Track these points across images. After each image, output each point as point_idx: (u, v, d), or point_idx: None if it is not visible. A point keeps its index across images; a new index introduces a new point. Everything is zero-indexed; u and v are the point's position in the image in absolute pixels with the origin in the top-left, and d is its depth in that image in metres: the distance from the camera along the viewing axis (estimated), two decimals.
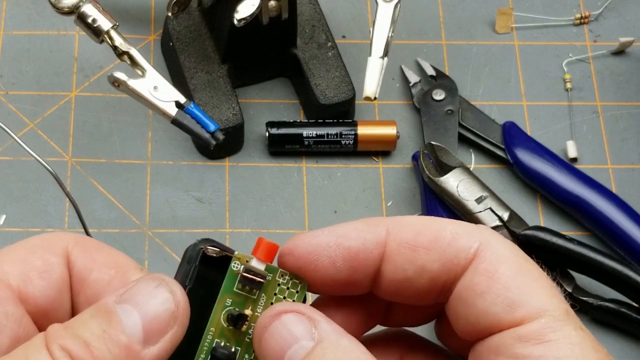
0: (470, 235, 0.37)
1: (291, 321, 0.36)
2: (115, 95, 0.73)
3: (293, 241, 0.38)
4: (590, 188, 0.70)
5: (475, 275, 0.36)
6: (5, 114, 0.73)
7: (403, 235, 0.37)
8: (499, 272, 0.36)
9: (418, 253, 0.37)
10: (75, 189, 0.70)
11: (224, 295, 0.38)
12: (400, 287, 0.38)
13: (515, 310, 0.36)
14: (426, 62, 0.76)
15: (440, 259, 0.37)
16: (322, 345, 0.35)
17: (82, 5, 0.64)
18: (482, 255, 0.37)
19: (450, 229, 0.37)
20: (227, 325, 0.38)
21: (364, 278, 0.38)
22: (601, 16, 0.80)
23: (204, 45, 0.73)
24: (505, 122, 0.74)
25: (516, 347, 0.35)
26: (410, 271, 0.37)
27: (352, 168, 0.73)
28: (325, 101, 0.72)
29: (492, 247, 0.37)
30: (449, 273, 0.37)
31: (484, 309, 0.36)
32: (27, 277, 0.37)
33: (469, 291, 0.37)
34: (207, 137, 0.64)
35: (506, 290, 0.36)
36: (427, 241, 0.37)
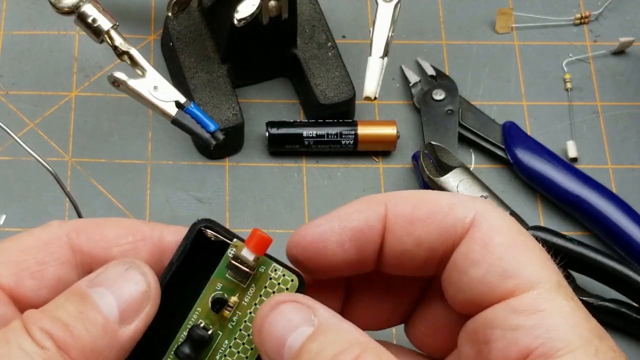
0: (466, 206, 0.38)
1: (290, 310, 0.37)
2: (115, 95, 0.73)
3: (299, 233, 0.39)
4: (590, 188, 0.70)
5: (470, 244, 0.37)
6: (5, 114, 0.73)
7: (401, 209, 0.38)
8: (493, 242, 0.37)
9: (416, 225, 0.38)
10: (75, 189, 0.70)
11: (215, 279, 0.39)
12: (401, 260, 0.38)
13: (508, 280, 0.36)
14: (426, 62, 0.76)
15: (437, 230, 0.38)
16: (322, 328, 0.36)
17: (82, 5, 0.64)
18: (477, 225, 0.37)
19: (446, 200, 0.38)
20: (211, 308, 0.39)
21: (371, 255, 0.39)
22: (601, 16, 0.80)
23: (204, 45, 0.73)
24: (505, 122, 0.74)
25: (510, 319, 0.35)
26: (409, 244, 0.38)
27: (352, 168, 0.73)
28: (325, 101, 0.72)
29: (487, 218, 0.37)
30: (446, 243, 0.38)
31: (478, 277, 0.36)
32: (19, 278, 0.38)
33: (464, 260, 0.37)
34: (207, 137, 0.64)
35: (500, 260, 0.36)
36: (424, 213, 0.38)
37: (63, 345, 0.35)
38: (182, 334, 0.39)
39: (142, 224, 0.40)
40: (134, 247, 0.39)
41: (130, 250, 0.39)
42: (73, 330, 0.35)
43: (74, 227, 0.39)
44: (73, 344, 0.35)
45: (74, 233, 0.39)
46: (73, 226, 0.39)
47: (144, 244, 0.39)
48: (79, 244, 0.39)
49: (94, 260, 0.39)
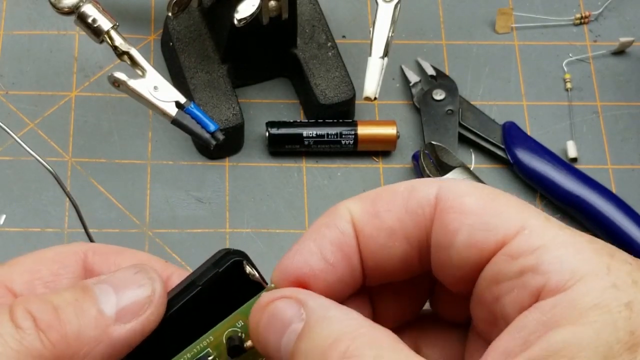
0: (426, 184, 0.36)
1: (279, 307, 0.35)
2: (115, 95, 0.73)
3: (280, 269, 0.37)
4: (590, 188, 0.70)
5: (444, 216, 0.35)
6: (5, 114, 0.73)
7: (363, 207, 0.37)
8: (465, 205, 0.35)
9: (382, 217, 0.36)
10: (75, 189, 0.70)
11: (239, 315, 0.38)
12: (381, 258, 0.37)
13: (494, 232, 0.34)
14: (426, 62, 0.76)
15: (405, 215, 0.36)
16: (310, 324, 0.34)
17: (82, 5, 0.64)
18: (444, 197, 0.36)
19: (405, 185, 0.37)
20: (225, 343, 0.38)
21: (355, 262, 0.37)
22: (601, 16, 0.80)
23: (204, 45, 0.73)
24: (505, 122, 0.74)
25: (510, 267, 0.34)
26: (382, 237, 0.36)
27: (352, 168, 0.73)
28: (325, 101, 0.72)
29: (451, 187, 0.36)
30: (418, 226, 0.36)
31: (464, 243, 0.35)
32: (31, 286, 0.38)
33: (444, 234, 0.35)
34: (207, 137, 0.64)
35: (478, 217, 0.35)
36: (385, 203, 0.36)
37: (44, 326, 0.35)
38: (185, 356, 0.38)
39: (156, 261, 0.40)
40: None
41: None
42: (60, 313, 0.35)
43: (92, 248, 0.39)
44: (56, 326, 0.35)
45: (91, 252, 0.39)
46: (92, 247, 0.40)
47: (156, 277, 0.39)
48: (92, 263, 0.39)
49: None
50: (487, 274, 0.35)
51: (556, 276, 0.33)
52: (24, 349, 0.34)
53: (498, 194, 0.36)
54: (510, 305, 0.34)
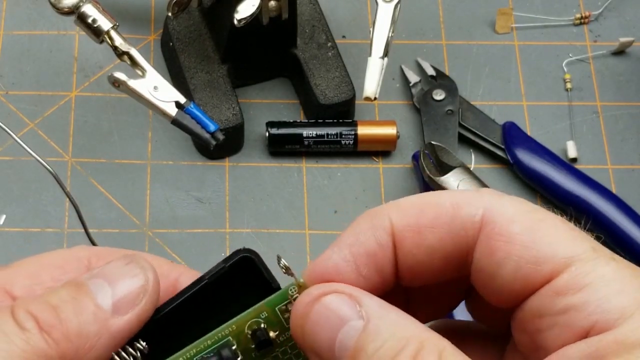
0: (471, 203, 0.36)
1: (334, 302, 0.34)
2: (115, 95, 0.73)
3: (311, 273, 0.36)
4: (590, 188, 0.70)
5: (490, 243, 0.35)
6: (5, 114, 0.73)
7: (406, 219, 0.36)
8: (512, 233, 0.35)
9: (424, 234, 0.36)
10: (75, 189, 0.70)
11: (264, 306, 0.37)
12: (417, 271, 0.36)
13: (541, 266, 0.34)
14: (426, 62, 0.76)
15: (447, 234, 0.35)
16: (374, 322, 0.34)
17: (82, 5, 0.64)
18: (490, 220, 0.35)
19: (450, 201, 0.36)
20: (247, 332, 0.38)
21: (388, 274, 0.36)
22: (601, 16, 0.80)
23: (204, 45, 0.73)
24: (505, 122, 0.74)
25: (555, 303, 0.34)
26: (421, 255, 0.36)
27: (352, 168, 0.73)
28: (325, 101, 0.72)
29: (497, 209, 0.35)
30: (460, 246, 0.35)
31: (510, 274, 0.34)
32: (31, 290, 0.37)
33: (488, 261, 0.35)
34: (207, 137, 0.64)
35: (526, 249, 0.34)
36: (429, 219, 0.36)
37: (46, 327, 0.35)
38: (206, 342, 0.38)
39: (163, 262, 0.40)
40: None
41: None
42: (60, 312, 0.35)
43: (96, 253, 0.39)
44: (57, 325, 0.35)
45: (95, 258, 0.39)
46: (95, 252, 0.39)
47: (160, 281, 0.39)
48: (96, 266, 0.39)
49: None
50: (531, 306, 0.35)
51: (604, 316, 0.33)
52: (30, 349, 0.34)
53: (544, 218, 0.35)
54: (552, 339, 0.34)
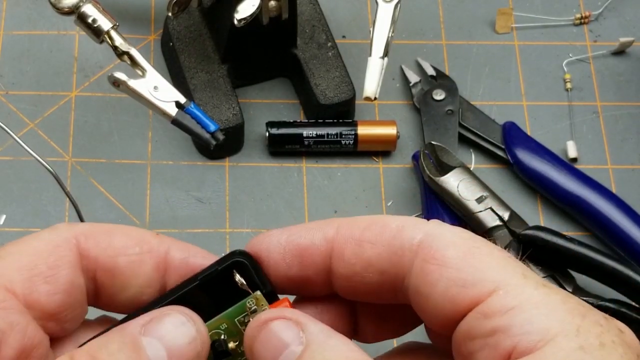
0: (415, 227, 0.37)
1: (279, 328, 0.36)
2: (115, 95, 0.73)
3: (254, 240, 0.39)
4: (590, 188, 0.70)
5: (424, 266, 0.36)
6: (5, 114, 0.73)
7: (350, 231, 0.38)
8: (446, 257, 0.36)
9: (364, 247, 0.38)
10: (75, 189, 0.70)
11: (223, 319, 0.39)
12: (353, 284, 0.38)
13: (470, 289, 0.35)
14: (426, 62, 0.76)
15: (386, 252, 0.37)
16: (311, 348, 0.36)
17: (82, 5, 0.64)
18: (428, 245, 0.37)
19: (397, 223, 0.38)
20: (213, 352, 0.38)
21: (315, 275, 0.39)
22: (601, 16, 0.80)
23: (204, 45, 0.73)
24: (506, 122, 0.74)
25: (483, 325, 0.35)
26: (358, 266, 0.38)
27: (352, 168, 0.73)
28: (325, 101, 0.72)
29: (436, 235, 0.37)
30: (396, 266, 0.37)
31: (441, 296, 0.36)
32: (32, 283, 0.37)
33: (423, 283, 0.36)
34: (207, 137, 0.64)
35: (457, 271, 0.36)
36: (373, 235, 0.38)
37: None
38: None
39: (151, 235, 0.40)
40: (140, 259, 0.39)
41: (136, 261, 0.39)
42: None
43: (83, 231, 0.39)
44: None
45: (83, 237, 0.39)
46: (81, 230, 0.39)
47: (149, 256, 0.39)
48: (86, 249, 0.38)
49: (99, 266, 0.39)
50: (462, 329, 0.36)
51: (526, 337, 0.34)
52: None
53: (481, 247, 0.36)
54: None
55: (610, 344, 0.33)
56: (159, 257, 0.39)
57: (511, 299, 0.35)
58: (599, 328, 0.34)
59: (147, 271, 0.39)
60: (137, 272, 0.39)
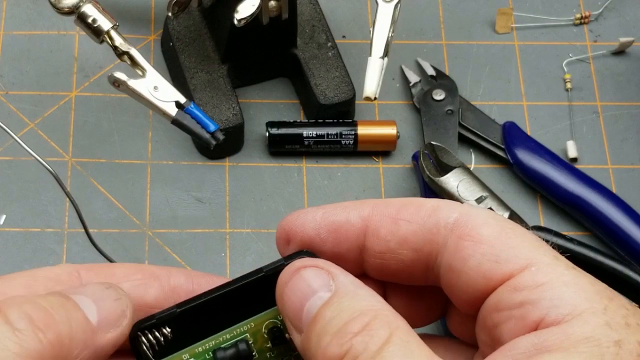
0: (450, 207, 0.38)
1: (309, 275, 0.37)
2: (115, 95, 0.73)
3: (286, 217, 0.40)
4: (590, 188, 0.70)
5: (459, 242, 0.37)
6: (5, 114, 0.73)
7: (385, 210, 0.39)
8: (481, 234, 0.37)
9: (399, 225, 0.39)
10: (75, 189, 0.70)
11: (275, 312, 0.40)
12: (386, 261, 0.39)
13: (503, 265, 0.36)
14: (426, 62, 0.76)
15: (421, 230, 0.38)
16: (339, 295, 0.37)
17: (82, 5, 0.64)
18: (462, 224, 0.38)
19: (432, 203, 0.39)
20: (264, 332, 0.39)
21: (347, 252, 0.40)
22: (601, 16, 0.80)
23: (204, 45, 0.73)
24: (506, 122, 0.74)
25: (513, 298, 0.36)
26: (393, 242, 0.39)
27: (352, 168, 0.73)
28: (325, 101, 0.72)
29: (471, 215, 0.38)
30: (431, 243, 0.38)
31: (474, 270, 0.37)
32: None
33: (456, 259, 0.37)
34: (207, 137, 0.64)
35: (491, 248, 0.37)
36: (409, 213, 0.39)
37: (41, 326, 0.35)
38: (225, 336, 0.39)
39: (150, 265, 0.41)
40: (144, 283, 0.40)
41: (141, 286, 0.40)
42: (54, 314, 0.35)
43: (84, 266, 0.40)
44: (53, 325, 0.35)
45: (84, 270, 0.39)
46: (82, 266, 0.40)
47: (152, 281, 0.40)
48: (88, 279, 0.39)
49: None
50: (491, 301, 0.37)
51: (555, 310, 0.35)
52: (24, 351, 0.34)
53: (514, 228, 0.38)
54: (507, 332, 0.36)
55: (635, 325, 0.35)
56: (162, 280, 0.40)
57: (542, 276, 0.36)
58: (624, 310, 0.35)
59: (153, 294, 0.39)
60: (143, 294, 0.39)
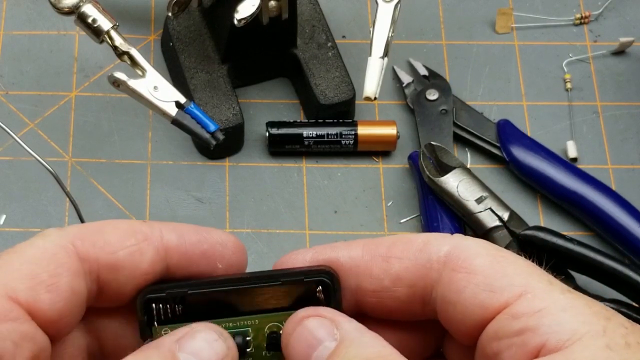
0: (440, 240, 0.39)
1: (313, 325, 0.38)
2: (115, 95, 0.73)
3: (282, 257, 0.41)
4: (587, 183, 0.70)
5: (452, 275, 0.38)
6: (5, 114, 0.73)
7: (376, 249, 0.40)
8: (474, 265, 0.37)
9: (391, 262, 0.39)
10: (75, 189, 0.70)
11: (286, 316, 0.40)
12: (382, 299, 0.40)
13: (499, 294, 0.37)
14: (418, 62, 0.76)
15: (414, 266, 0.39)
16: (345, 344, 0.37)
17: (82, 5, 0.64)
18: (455, 256, 0.38)
19: (422, 238, 0.39)
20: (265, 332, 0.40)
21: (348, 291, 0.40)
22: (601, 16, 0.80)
23: (204, 45, 0.73)
24: (500, 120, 0.74)
25: (511, 326, 0.36)
26: (387, 281, 0.39)
27: (352, 168, 0.73)
28: (325, 101, 0.72)
29: (463, 246, 0.38)
30: (424, 278, 0.39)
31: (469, 301, 0.37)
32: (35, 292, 0.37)
33: (451, 291, 0.38)
34: (207, 137, 0.64)
35: (485, 278, 0.37)
36: (399, 250, 0.39)
37: None
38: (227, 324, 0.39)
39: (139, 224, 0.40)
40: (139, 249, 0.39)
41: (136, 252, 0.39)
42: None
43: (76, 235, 0.39)
44: None
45: (78, 241, 0.39)
46: (75, 234, 0.39)
47: (147, 244, 0.39)
48: (85, 252, 0.39)
49: (101, 266, 0.39)
50: (490, 330, 0.37)
51: (555, 336, 0.35)
52: None
53: (506, 255, 0.38)
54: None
55: (636, 344, 0.35)
56: (155, 242, 0.40)
57: (539, 302, 0.36)
58: (623, 330, 0.36)
59: (148, 258, 0.39)
60: (139, 261, 0.39)
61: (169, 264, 0.40)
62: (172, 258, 0.40)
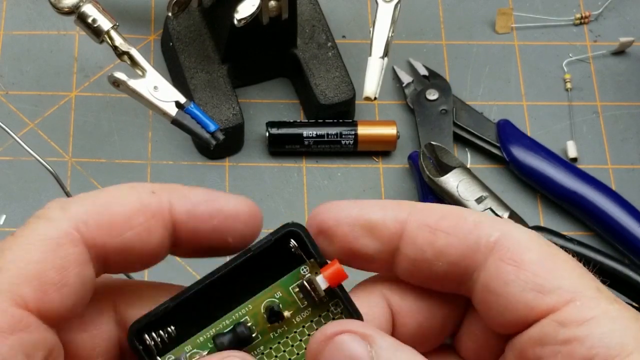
0: (492, 225, 0.37)
1: (346, 343, 0.36)
2: (115, 95, 0.73)
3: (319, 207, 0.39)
4: (587, 184, 0.70)
5: (500, 265, 0.36)
6: (5, 114, 0.73)
7: (425, 217, 0.38)
8: (524, 260, 0.36)
9: (438, 236, 0.37)
10: (75, 189, 0.70)
11: (276, 287, 0.39)
12: (419, 269, 0.38)
13: (547, 296, 0.36)
14: (418, 62, 0.76)
15: (460, 245, 0.37)
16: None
17: (82, 5, 0.64)
18: (504, 245, 0.37)
19: (473, 217, 0.38)
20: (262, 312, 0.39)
21: (380, 253, 0.38)
22: (601, 16, 0.80)
23: (204, 45, 0.73)
24: (500, 120, 0.74)
25: (559, 333, 0.35)
26: (429, 253, 0.37)
27: (352, 168, 0.73)
28: (325, 101, 0.72)
29: (514, 236, 0.37)
30: (468, 260, 0.37)
31: (515, 297, 0.36)
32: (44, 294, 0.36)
33: (496, 281, 0.36)
34: (207, 137, 0.64)
35: (534, 276, 0.36)
36: (448, 226, 0.37)
37: None
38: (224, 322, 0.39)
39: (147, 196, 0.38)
40: (147, 227, 0.37)
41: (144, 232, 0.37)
42: None
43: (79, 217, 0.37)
44: None
45: (83, 225, 0.36)
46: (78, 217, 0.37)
47: (155, 221, 0.37)
48: (91, 238, 0.37)
49: (109, 251, 0.37)
50: (534, 333, 0.36)
51: (605, 350, 0.34)
52: None
53: (556, 253, 0.37)
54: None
55: None
56: (164, 218, 0.38)
57: (588, 311, 0.35)
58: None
59: (157, 236, 0.37)
60: (148, 240, 0.37)
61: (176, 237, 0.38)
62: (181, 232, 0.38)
